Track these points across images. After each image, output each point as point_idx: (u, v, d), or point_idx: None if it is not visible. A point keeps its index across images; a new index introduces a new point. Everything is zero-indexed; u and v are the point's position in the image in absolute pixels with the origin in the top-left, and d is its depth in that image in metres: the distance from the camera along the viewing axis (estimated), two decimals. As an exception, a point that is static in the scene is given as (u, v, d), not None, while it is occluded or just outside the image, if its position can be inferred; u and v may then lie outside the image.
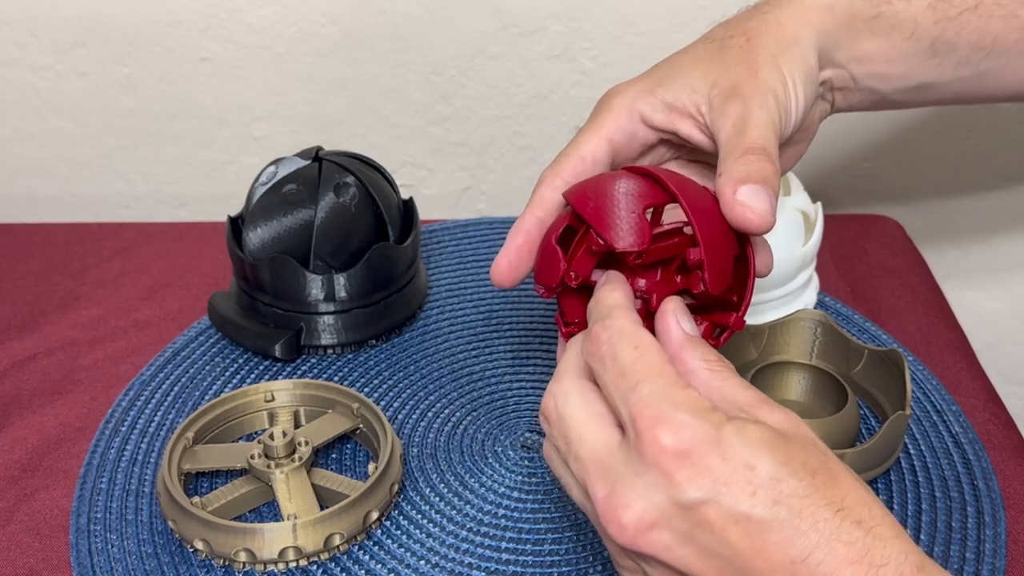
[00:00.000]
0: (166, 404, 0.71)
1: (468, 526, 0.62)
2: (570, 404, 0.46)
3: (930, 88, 0.59)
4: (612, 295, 0.47)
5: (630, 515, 0.42)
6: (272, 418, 0.69)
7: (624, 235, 0.47)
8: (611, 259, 0.49)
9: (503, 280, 0.53)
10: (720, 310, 0.50)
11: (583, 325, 0.49)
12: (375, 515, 0.61)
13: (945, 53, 0.58)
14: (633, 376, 0.43)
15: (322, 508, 0.60)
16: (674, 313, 0.47)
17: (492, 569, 0.59)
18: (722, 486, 0.41)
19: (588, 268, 0.49)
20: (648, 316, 0.49)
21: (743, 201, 0.48)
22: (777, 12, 0.55)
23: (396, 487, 0.63)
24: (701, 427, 0.41)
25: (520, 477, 0.65)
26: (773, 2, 0.56)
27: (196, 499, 0.61)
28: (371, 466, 0.62)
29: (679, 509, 0.41)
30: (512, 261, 0.52)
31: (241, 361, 0.75)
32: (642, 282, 0.50)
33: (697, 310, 0.50)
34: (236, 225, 0.76)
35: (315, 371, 0.74)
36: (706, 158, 0.56)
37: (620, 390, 0.44)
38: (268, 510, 0.63)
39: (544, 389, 0.71)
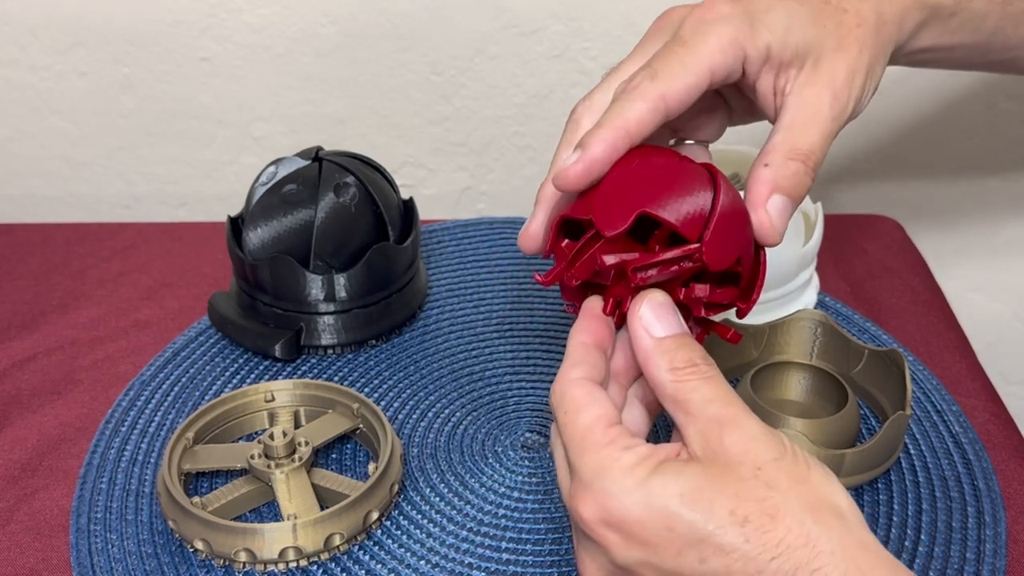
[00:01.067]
0: (166, 404, 0.71)
1: (468, 526, 0.62)
2: (556, 452, 0.47)
3: (959, 67, 0.59)
4: (569, 342, 0.47)
5: (587, 573, 0.45)
6: (272, 418, 0.69)
7: (610, 220, 0.46)
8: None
9: (568, 186, 0.47)
10: (730, 298, 0.49)
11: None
12: (375, 515, 0.61)
13: (994, 43, 0.57)
14: (565, 443, 0.44)
15: (322, 508, 0.60)
16: (641, 318, 0.45)
17: (492, 569, 0.59)
18: (649, 548, 0.41)
19: (588, 271, 0.48)
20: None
21: (770, 211, 0.47)
22: (881, 3, 0.52)
23: (396, 487, 0.63)
24: (616, 492, 0.42)
25: (520, 477, 0.65)
26: None
27: (196, 499, 0.61)
28: (371, 466, 0.62)
29: (620, 569, 0.43)
30: (590, 170, 0.46)
31: (241, 361, 0.75)
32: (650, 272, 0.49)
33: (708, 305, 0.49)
34: (236, 225, 0.76)
35: (315, 371, 0.74)
36: (730, 93, 0.54)
37: (562, 457, 0.46)
38: (268, 510, 0.63)
39: (544, 389, 0.72)
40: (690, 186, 0.46)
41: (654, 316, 0.45)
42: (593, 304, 0.48)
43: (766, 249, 0.49)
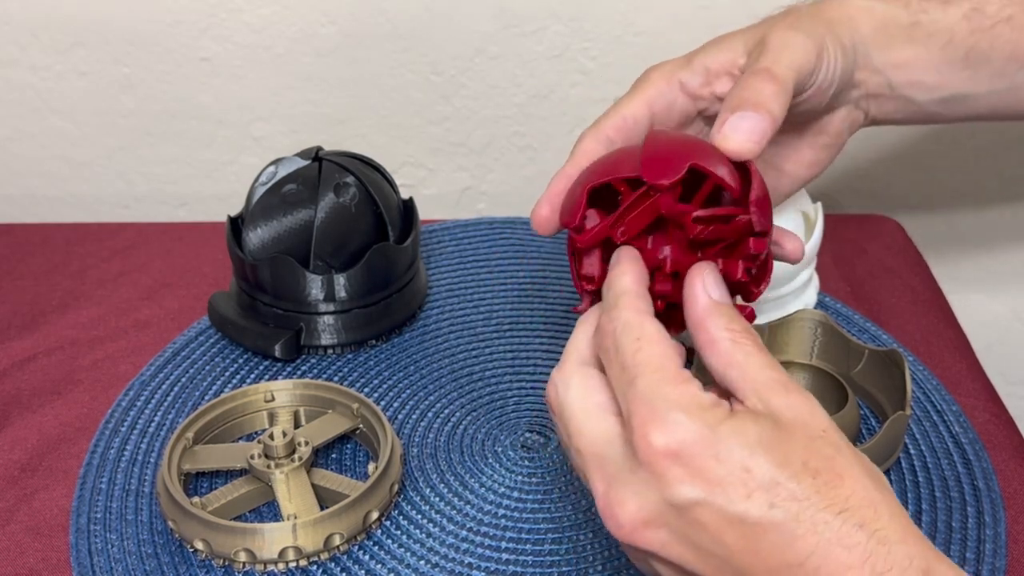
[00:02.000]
0: (166, 404, 0.71)
1: (468, 526, 0.62)
2: (570, 394, 0.46)
3: (965, 100, 0.60)
4: (621, 280, 0.46)
5: (625, 513, 0.42)
6: (272, 418, 0.69)
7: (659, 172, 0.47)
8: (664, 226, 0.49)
9: (544, 227, 0.52)
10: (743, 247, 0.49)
11: (600, 282, 0.49)
12: (375, 515, 0.61)
13: (980, 64, 0.58)
14: (632, 370, 0.43)
15: (322, 508, 0.60)
16: (702, 278, 0.46)
17: (492, 569, 0.59)
18: (716, 487, 0.40)
19: (638, 227, 0.48)
20: (671, 278, 0.48)
21: (724, 133, 0.49)
22: (821, 5, 0.56)
23: (396, 487, 0.63)
24: (694, 427, 0.41)
25: (520, 477, 0.65)
26: None
27: (196, 499, 0.61)
28: (371, 466, 0.62)
29: (672, 509, 0.41)
30: (557, 206, 0.52)
31: (241, 361, 0.75)
32: (666, 248, 0.49)
33: (722, 252, 0.49)
34: (236, 225, 0.76)
35: (315, 371, 0.74)
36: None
37: (620, 384, 0.44)
38: (268, 510, 0.63)
39: (544, 389, 0.72)
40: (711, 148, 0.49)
41: (714, 281, 0.46)
42: (631, 251, 0.48)
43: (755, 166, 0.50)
